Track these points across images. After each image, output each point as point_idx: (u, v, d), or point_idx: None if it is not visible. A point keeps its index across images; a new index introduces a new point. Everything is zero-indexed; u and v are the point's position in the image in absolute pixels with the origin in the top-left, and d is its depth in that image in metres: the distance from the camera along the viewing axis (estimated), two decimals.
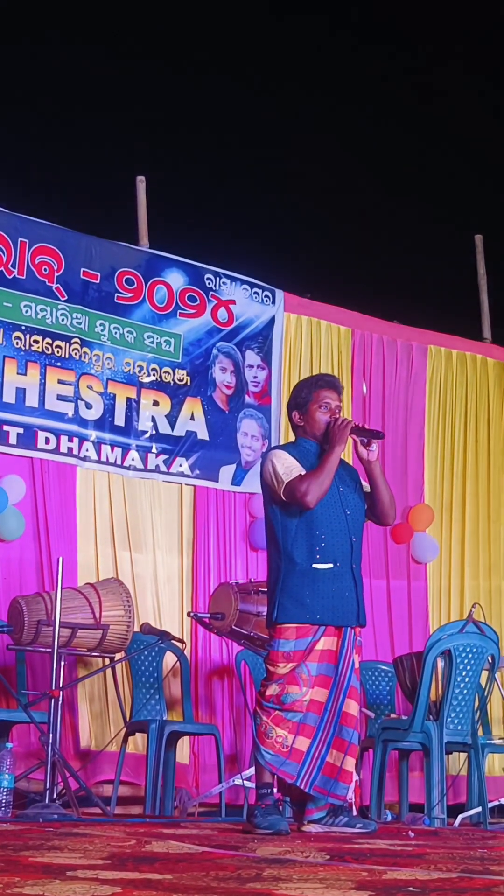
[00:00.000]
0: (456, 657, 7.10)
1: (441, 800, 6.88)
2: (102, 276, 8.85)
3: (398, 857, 4.02)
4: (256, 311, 9.56)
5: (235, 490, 9.23)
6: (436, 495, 10.25)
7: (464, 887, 2.97)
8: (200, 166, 11.89)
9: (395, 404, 10.17)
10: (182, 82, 12.00)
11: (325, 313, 10.00)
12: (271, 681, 5.54)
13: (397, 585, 9.88)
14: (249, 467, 9.23)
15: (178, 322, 9.16)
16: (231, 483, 9.21)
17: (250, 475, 9.18)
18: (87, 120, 11.44)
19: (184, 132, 11.80)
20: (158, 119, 11.65)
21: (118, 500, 8.78)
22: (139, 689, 8.17)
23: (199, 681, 8.78)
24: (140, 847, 4.04)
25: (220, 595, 7.71)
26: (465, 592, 10.16)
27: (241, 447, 9.30)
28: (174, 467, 8.96)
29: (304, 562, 5.58)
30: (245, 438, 9.33)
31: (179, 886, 2.86)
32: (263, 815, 5.42)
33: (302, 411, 5.82)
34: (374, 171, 12.56)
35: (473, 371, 10.65)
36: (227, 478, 9.20)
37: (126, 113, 11.54)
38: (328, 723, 5.52)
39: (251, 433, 9.37)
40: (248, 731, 8.57)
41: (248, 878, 3.09)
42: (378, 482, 5.80)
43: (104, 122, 11.41)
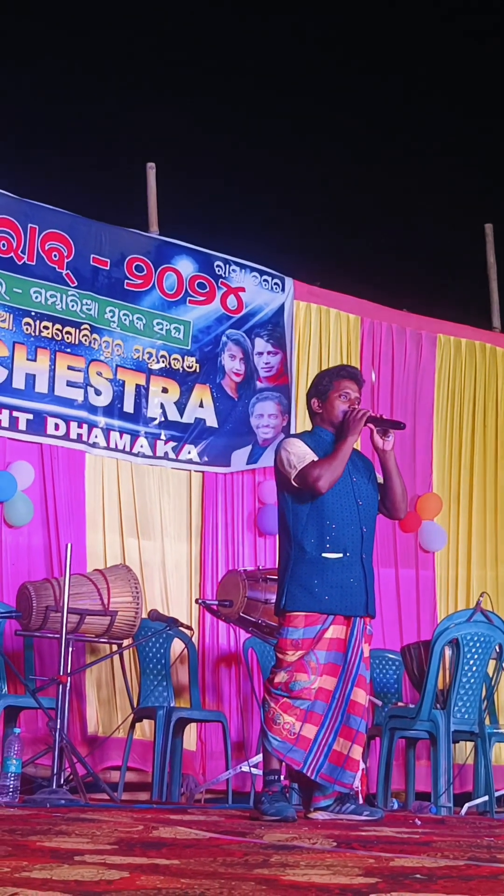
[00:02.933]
0: (464, 646, 7.10)
1: (448, 788, 6.88)
2: (112, 262, 8.84)
3: (405, 844, 4.03)
4: (266, 299, 9.55)
5: (252, 468, 9.21)
6: (444, 484, 10.25)
7: (470, 875, 2.97)
8: (211, 153, 11.88)
9: (404, 393, 10.16)
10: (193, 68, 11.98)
11: (335, 301, 9.99)
12: (280, 668, 5.55)
13: (405, 574, 9.88)
14: (267, 444, 9.21)
15: (188, 309, 9.16)
16: (247, 462, 9.19)
17: (268, 452, 9.13)
18: (97, 106, 11.43)
19: (194, 119, 11.78)
20: (169, 105, 11.63)
21: (127, 486, 8.78)
22: (147, 676, 8.18)
23: (207, 668, 8.79)
24: (147, 833, 4.05)
25: (228, 582, 7.72)
26: (473, 581, 10.15)
27: (256, 428, 9.28)
28: (183, 454, 8.96)
29: (313, 550, 5.58)
30: (261, 419, 9.31)
31: (187, 872, 2.86)
32: (270, 801, 5.43)
33: (321, 399, 5.82)
34: (385, 160, 12.53)
35: (482, 360, 10.63)
36: (241, 461, 9.18)
37: (136, 99, 11.53)
38: (336, 711, 5.53)
39: (268, 413, 9.35)
40: (255, 718, 8.58)
41: (256, 864, 3.09)
42: (392, 473, 5.80)
43: (114, 109, 11.40)
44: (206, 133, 11.85)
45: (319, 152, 12.26)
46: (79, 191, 9.98)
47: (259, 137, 12.16)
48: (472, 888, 2.70)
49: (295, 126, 12.22)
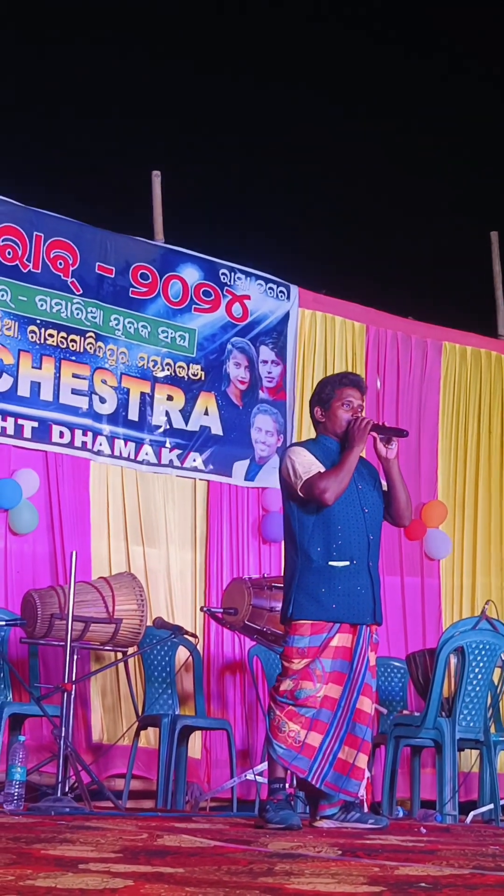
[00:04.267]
0: (469, 654, 7.09)
1: (453, 797, 6.87)
2: (117, 270, 8.86)
3: (410, 853, 4.02)
4: (271, 307, 9.56)
5: (249, 485, 9.23)
6: (449, 492, 10.24)
7: (475, 883, 2.96)
8: (216, 161, 11.90)
9: (409, 401, 10.16)
10: (199, 78, 12.00)
11: (340, 309, 9.99)
12: (286, 676, 5.55)
13: (411, 582, 9.88)
14: (263, 462, 9.23)
15: (193, 317, 9.17)
16: (245, 479, 9.21)
17: (264, 471, 9.18)
18: (103, 115, 11.45)
19: (200, 127, 11.80)
20: (174, 114, 11.66)
21: (131, 494, 8.78)
22: (151, 684, 8.18)
23: (212, 676, 8.79)
24: (152, 841, 4.05)
25: (233, 590, 7.71)
26: (478, 589, 10.15)
27: (255, 442, 9.30)
28: (188, 462, 8.96)
29: (320, 559, 5.58)
30: (259, 434, 9.33)
31: (191, 880, 2.86)
32: (275, 809, 5.42)
33: (324, 408, 5.82)
34: (390, 168, 12.54)
35: (488, 368, 10.63)
36: (241, 473, 9.20)
37: (142, 108, 11.55)
38: (341, 719, 5.52)
39: (265, 428, 9.37)
40: (259, 726, 8.58)
41: (260, 873, 3.09)
42: (395, 481, 5.79)
43: (120, 117, 11.43)
44: (211, 141, 11.88)
45: (325, 160, 12.27)
46: (84, 199, 10.00)
47: (264, 145, 12.18)
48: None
49: (301, 134, 12.23)
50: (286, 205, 12.08)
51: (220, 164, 11.91)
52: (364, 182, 12.29)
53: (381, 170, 12.49)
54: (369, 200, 12.18)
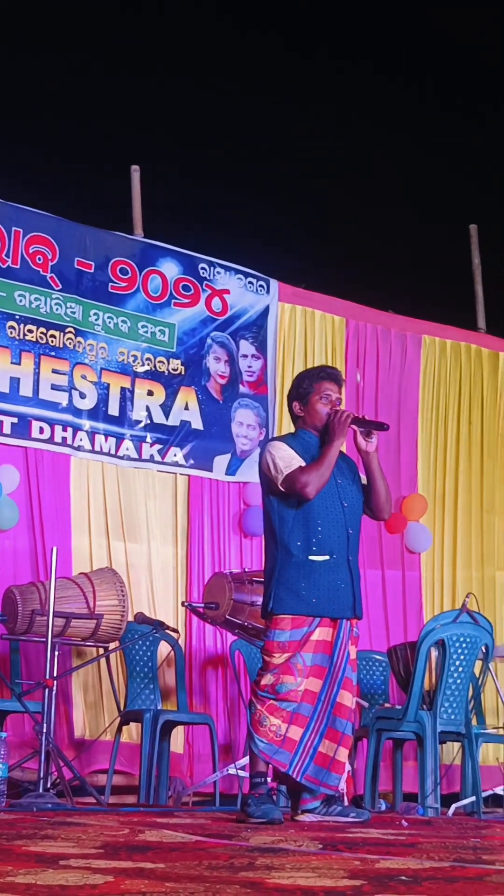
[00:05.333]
0: (450, 647, 7.10)
1: (435, 789, 6.89)
2: (97, 265, 8.84)
3: (391, 846, 4.03)
4: (251, 301, 9.56)
5: (230, 480, 9.23)
6: (429, 485, 10.26)
7: (456, 876, 2.97)
8: (195, 156, 11.87)
9: (389, 394, 10.17)
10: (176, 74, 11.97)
11: (320, 303, 10.00)
12: (267, 670, 5.55)
13: (391, 575, 9.89)
14: (245, 456, 9.23)
15: (173, 311, 9.16)
16: (225, 473, 9.21)
17: (245, 465, 9.19)
18: (82, 109, 11.42)
19: (178, 121, 11.78)
20: (153, 108, 11.63)
21: (112, 489, 8.78)
22: (133, 679, 8.18)
23: (194, 670, 8.79)
24: (133, 836, 4.05)
25: (214, 585, 7.71)
26: (459, 582, 10.17)
27: (236, 437, 9.30)
28: (168, 457, 8.96)
29: (300, 553, 5.58)
30: (240, 428, 9.33)
31: (172, 875, 2.86)
32: (257, 804, 5.43)
33: (303, 402, 5.82)
34: (369, 161, 12.54)
35: (467, 361, 10.64)
36: (222, 468, 9.20)
37: (121, 103, 11.52)
38: (321, 713, 5.53)
39: (247, 422, 9.37)
40: (242, 720, 8.59)
41: (241, 867, 3.09)
42: (375, 475, 5.79)
43: (99, 112, 11.40)
44: (189, 136, 11.86)
45: (303, 153, 12.26)
46: (63, 194, 9.98)
47: (243, 139, 12.16)
48: (456, 890, 2.70)
49: (278, 128, 12.22)
50: (265, 199, 12.06)
51: (198, 158, 11.89)
52: (343, 176, 12.29)
53: (359, 164, 12.49)
54: (348, 194, 12.17)
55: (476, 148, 12.49)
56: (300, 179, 12.11)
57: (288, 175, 12.18)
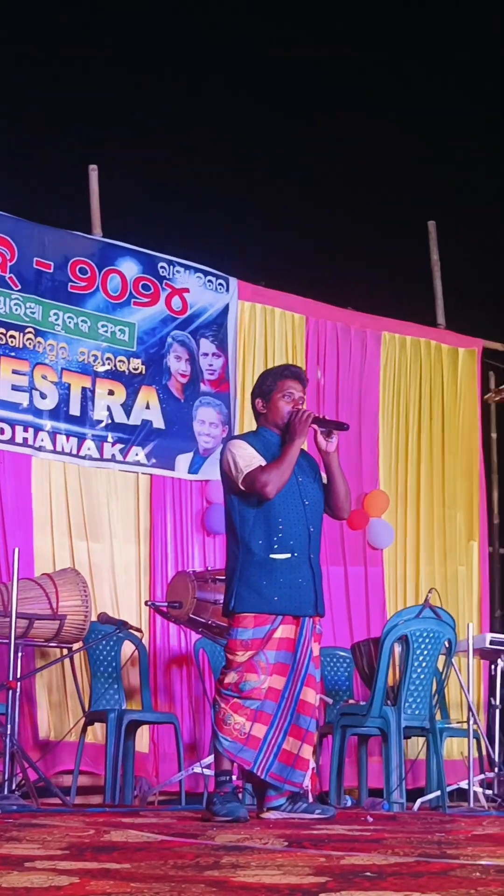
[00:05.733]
0: (413, 642, 7.13)
1: (400, 784, 6.91)
2: (55, 265, 8.82)
3: (356, 842, 4.04)
4: (210, 300, 9.56)
5: (193, 478, 9.23)
6: (391, 481, 10.29)
7: (420, 871, 2.98)
8: (153, 154, 11.85)
9: (350, 391, 10.19)
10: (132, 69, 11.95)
11: (279, 301, 10.01)
12: (230, 669, 5.56)
13: (354, 572, 9.92)
14: (208, 454, 9.23)
15: (132, 311, 9.15)
16: (188, 471, 9.21)
17: (208, 463, 9.19)
18: (38, 109, 11.38)
19: (135, 120, 11.75)
20: (110, 107, 11.60)
21: (74, 489, 8.76)
22: (97, 679, 8.17)
23: (158, 669, 8.79)
24: (99, 837, 4.05)
25: (177, 584, 7.71)
26: (422, 578, 10.21)
27: (198, 435, 9.30)
28: (130, 456, 8.95)
29: (261, 552, 5.59)
30: (202, 426, 9.33)
31: (137, 875, 2.86)
32: (222, 802, 5.44)
33: (265, 399, 5.83)
34: (327, 158, 12.55)
35: (427, 357, 10.69)
36: (184, 466, 9.19)
37: (78, 101, 11.49)
38: (285, 710, 5.54)
39: (209, 420, 9.37)
40: (206, 719, 8.59)
41: (207, 866, 3.09)
42: (335, 474, 5.81)
43: (56, 111, 11.36)
44: (147, 134, 11.83)
45: (262, 151, 12.27)
46: (21, 194, 9.93)
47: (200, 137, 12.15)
48: (421, 885, 2.71)
49: (236, 126, 12.22)
50: (223, 197, 12.05)
51: (156, 157, 11.86)
52: (301, 173, 12.30)
53: (317, 161, 12.50)
54: (307, 191, 12.18)
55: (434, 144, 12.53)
56: (259, 178, 12.10)
57: (246, 174, 12.17)
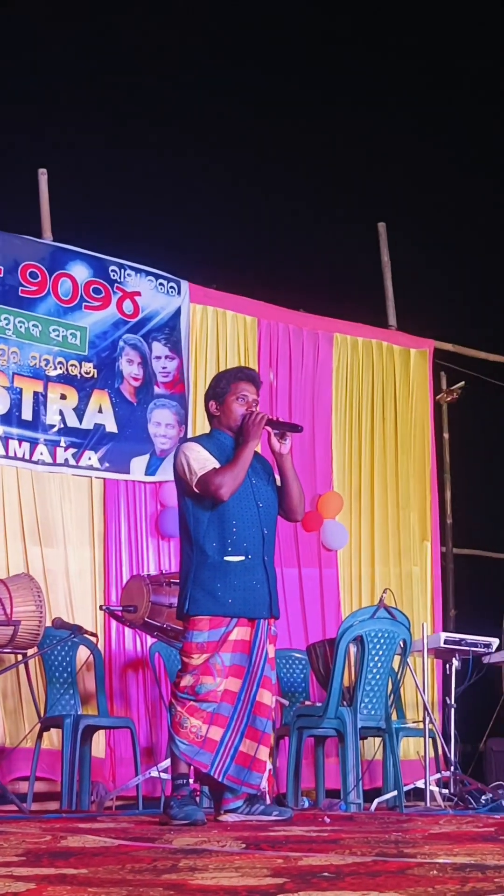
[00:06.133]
0: (368, 643, 7.14)
1: (357, 785, 6.92)
2: (6, 269, 8.78)
3: (314, 842, 4.05)
4: (162, 303, 9.55)
5: (150, 480, 9.21)
6: (344, 483, 10.31)
7: (378, 870, 2.99)
8: (103, 158, 11.83)
9: (302, 393, 10.21)
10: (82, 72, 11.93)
11: (231, 303, 10.01)
12: (186, 672, 5.55)
13: (309, 573, 9.93)
14: (165, 455, 9.21)
15: (84, 315, 9.13)
16: (145, 473, 9.18)
17: (165, 463, 9.16)
18: None
19: (85, 123, 11.73)
20: (59, 111, 11.58)
21: (27, 494, 8.72)
22: (53, 685, 8.14)
23: (114, 674, 8.77)
24: (55, 842, 4.03)
25: (132, 587, 7.70)
26: (376, 578, 10.23)
27: (154, 437, 9.28)
28: (83, 460, 8.92)
29: (215, 554, 5.59)
30: (158, 428, 9.31)
31: (94, 880, 2.85)
32: (179, 806, 5.43)
33: (219, 402, 5.83)
34: (277, 161, 12.57)
35: (379, 358, 10.71)
36: (140, 468, 9.17)
37: (27, 105, 11.45)
38: (241, 713, 5.54)
39: (165, 422, 9.35)
40: (163, 723, 8.57)
41: (164, 870, 3.09)
42: (288, 477, 5.82)
43: (4, 115, 11.32)
44: (96, 138, 11.81)
45: (211, 154, 12.28)
46: None
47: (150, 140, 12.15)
48: (379, 884, 2.71)
49: (185, 128, 12.23)
50: (174, 200, 12.06)
51: (106, 160, 11.85)
52: (250, 175, 12.31)
53: (267, 162, 12.52)
54: (257, 193, 12.20)
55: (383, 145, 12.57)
56: (209, 180, 12.11)
57: (196, 175, 12.18)
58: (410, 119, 12.68)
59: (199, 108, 12.35)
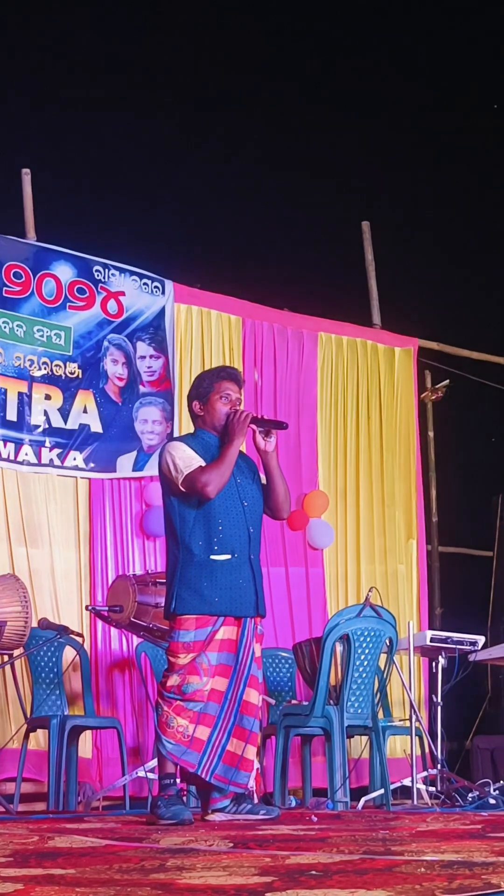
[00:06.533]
0: (354, 641, 7.14)
1: (344, 783, 6.92)
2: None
3: (301, 841, 4.05)
4: (146, 303, 9.54)
5: (138, 476, 9.19)
6: (330, 481, 10.31)
7: (365, 868, 2.99)
8: (87, 157, 11.82)
9: (287, 392, 10.21)
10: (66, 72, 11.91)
11: (215, 303, 10.01)
12: (172, 671, 5.55)
13: (295, 572, 9.93)
14: (153, 451, 9.19)
15: (68, 315, 9.11)
16: (133, 469, 9.17)
17: (154, 459, 9.13)
18: None
19: (69, 123, 11.71)
20: (43, 110, 11.55)
21: (12, 495, 8.71)
22: (39, 685, 8.13)
23: (100, 674, 8.76)
24: (43, 843, 4.03)
25: (117, 587, 7.69)
26: (362, 577, 10.23)
27: (141, 434, 9.26)
28: (68, 461, 8.91)
29: (201, 553, 5.59)
30: (145, 425, 9.30)
31: (82, 881, 2.85)
32: (167, 805, 5.43)
33: (203, 401, 5.84)
34: (260, 160, 12.57)
35: (364, 357, 10.72)
36: (128, 466, 9.16)
37: (10, 105, 11.43)
38: (228, 712, 5.54)
39: (152, 419, 9.34)
40: (149, 723, 8.57)
41: (152, 869, 3.09)
42: (274, 474, 5.83)
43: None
44: (80, 138, 11.80)
45: (195, 154, 12.27)
46: None
47: (134, 140, 12.13)
48: (366, 882, 2.71)
49: (169, 127, 12.21)
50: (158, 200, 12.04)
51: (89, 160, 11.84)
52: (235, 174, 12.30)
53: (252, 161, 12.51)
54: (240, 193, 12.19)
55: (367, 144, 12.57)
56: (193, 179, 12.10)
57: (180, 176, 12.17)
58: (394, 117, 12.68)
59: (184, 108, 12.35)
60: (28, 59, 11.68)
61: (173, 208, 12.06)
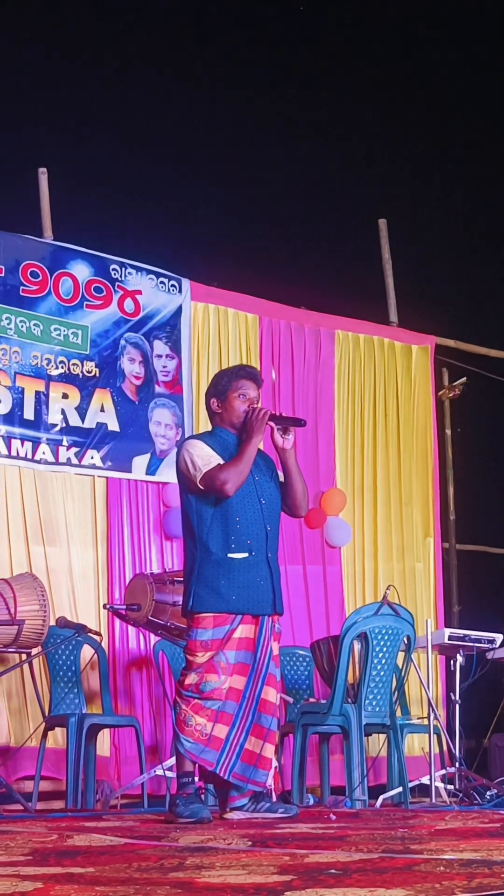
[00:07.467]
0: (372, 639, 7.14)
1: (362, 781, 6.92)
2: (7, 269, 8.78)
3: (320, 840, 4.05)
4: (163, 301, 9.54)
5: (150, 480, 9.20)
6: (347, 479, 10.30)
7: (384, 867, 2.99)
8: (103, 156, 11.82)
9: (305, 390, 10.20)
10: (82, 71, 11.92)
11: (232, 301, 10.00)
12: (190, 670, 5.56)
13: (312, 570, 9.92)
14: (164, 456, 9.21)
15: (85, 314, 9.12)
16: (146, 473, 9.18)
17: (165, 464, 9.16)
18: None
19: (85, 122, 11.72)
20: (60, 109, 11.57)
21: (30, 494, 8.72)
22: (57, 684, 8.14)
23: (118, 673, 8.76)
24: (62, 841, 4.03)
25: (135, 586, 7.70)
26: (380, 575, 10.22)
27: (154, 436, 9.27)
28: (86, 459, 8.92)
29: (219, 551, 5.60)
30: (158, 427, 9.31)
31: (101, 879, 2.85)
32: (185, 804, 5.43)
33: (221, 399, 5.84)
34: (277, 158, 12.56)
35: (381, 355, 10.71)
36: (141, 468, 9.17)
37: (27, 104, 11.45)
38: (246, 710, 5.54)
39: (164, 422, 9.35)
40: (167, 721, 8.57)
41: (171, 868, 3.09)
42: (292, 472, 5.82)
43: (4, 114, 11.32)
44: (97, 136, 11.81)
45: (212, 151, 12.27)
46: None
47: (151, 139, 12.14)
48: (385, 880, 2.71)
49: (186, 126, 12.22)
50: (174, 198, 12.05)
51: (106, 159, 11.84)
52: (251, 173, 12.30)
53: (267, 161, 12.50)
54: (257, 191, 12.18)
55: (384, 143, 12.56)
56: (210, 179, 12.10)
57: (197, 174, 12.17)
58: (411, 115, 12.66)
59: (199, 107, 12.35)
60: (44, 59, 11.69)
61: (190, 206, 12.06)
